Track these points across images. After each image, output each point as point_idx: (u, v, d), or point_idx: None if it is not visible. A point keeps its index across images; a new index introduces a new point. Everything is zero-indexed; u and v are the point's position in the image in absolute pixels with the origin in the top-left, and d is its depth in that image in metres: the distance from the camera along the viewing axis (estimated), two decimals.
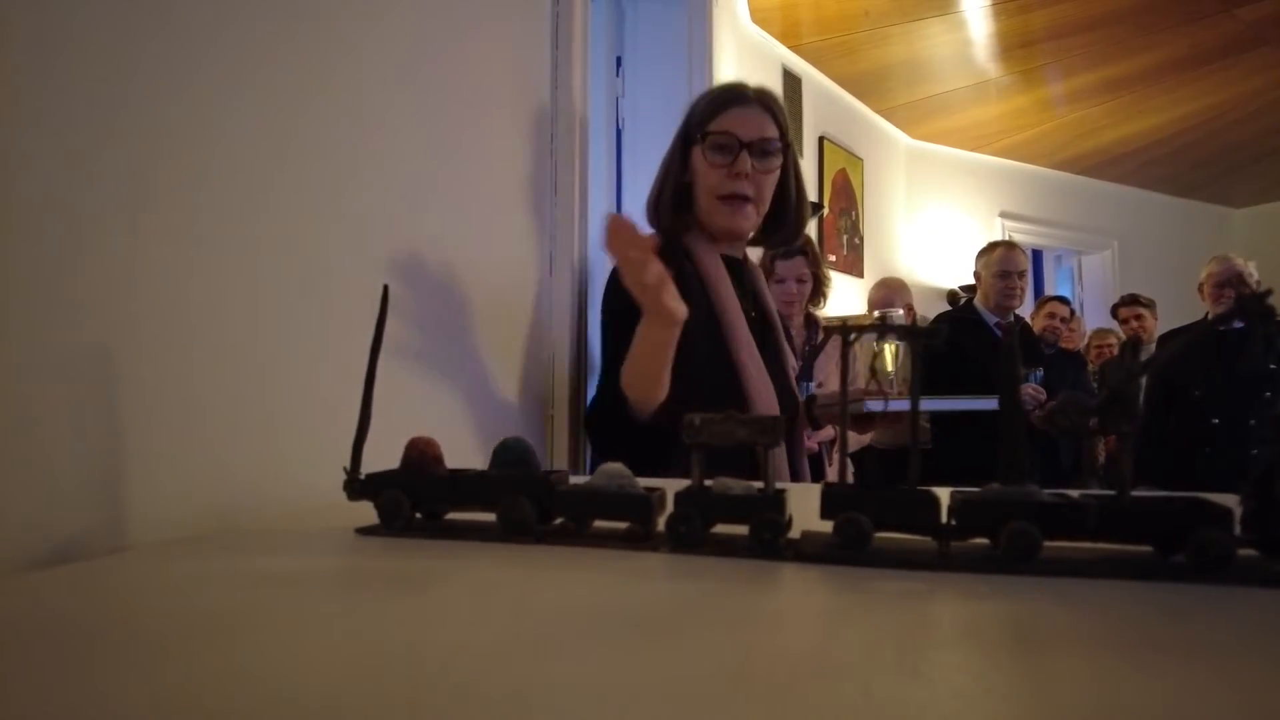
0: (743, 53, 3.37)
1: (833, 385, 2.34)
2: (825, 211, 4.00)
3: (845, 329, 0.41)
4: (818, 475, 2.14)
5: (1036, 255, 6.32)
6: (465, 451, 0.93)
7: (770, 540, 0.40)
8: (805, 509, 0.44)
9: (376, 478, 0.47)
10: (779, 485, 0.43)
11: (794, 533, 0.43)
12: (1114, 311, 3.75)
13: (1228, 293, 2.71)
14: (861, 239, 4.31)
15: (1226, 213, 6.11)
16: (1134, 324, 3.54)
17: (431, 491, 0.46)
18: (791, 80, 3.79)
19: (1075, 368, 3.19)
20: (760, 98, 1.11)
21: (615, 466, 0.44)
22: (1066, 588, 0.36)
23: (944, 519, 0.40)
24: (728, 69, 2.67)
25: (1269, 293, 0.37)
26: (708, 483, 0.43)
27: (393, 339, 0.79)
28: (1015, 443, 0.40)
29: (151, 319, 0.51)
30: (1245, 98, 4.28)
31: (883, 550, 0.40)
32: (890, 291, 3.12)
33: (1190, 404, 2.70)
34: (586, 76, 1.22)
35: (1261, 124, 4.59)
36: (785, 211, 1.16)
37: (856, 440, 2.18)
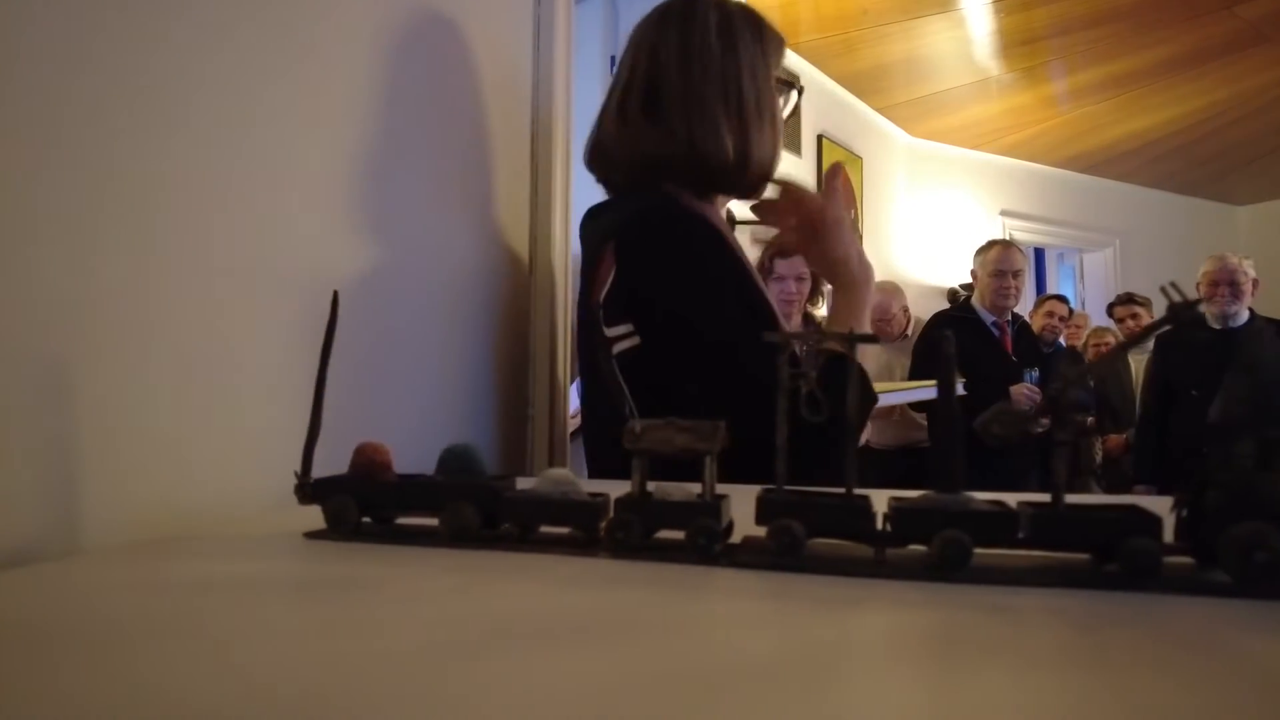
0: None
1: None
2: None
3: (785, 337, 0.41)
4: None
5: (1039, 253, 6.31)
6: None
7: (705, 546, 0.40)
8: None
9: (325, 482, 0.47)
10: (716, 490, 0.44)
11: (739, 537, 0.44)
12: (1110, 310, 3.75)
13: (1221, 291, 2.71)
14: (860, 237, 4.31)
15: (1229, 210, 6.09)
16: (1130, 323, 3.53)
17: (378, 497, 0.47)
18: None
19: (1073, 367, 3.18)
20: None
21: (560, 472, 0.45)
22: (996, 596, 0.36)
23: (880, 526, 0.40)
24: None
25: (1200, 300, 0.37)
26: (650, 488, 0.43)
27: (365, 342, 0.80)
28: (952, 450, 0.40)
29: (102, 324, 0.51)
30: (1247, 95, 4.27)
31: (818, 556, 0.40)
32: (886, 295, 3.13)
33: (1188, 404, 2.70)
34: (570, 75, 1.22)
35: (1264, 121, 4.58)
36: None
37: None
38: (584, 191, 1.11)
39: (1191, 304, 0.38)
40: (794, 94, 1.00)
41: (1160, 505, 0.39)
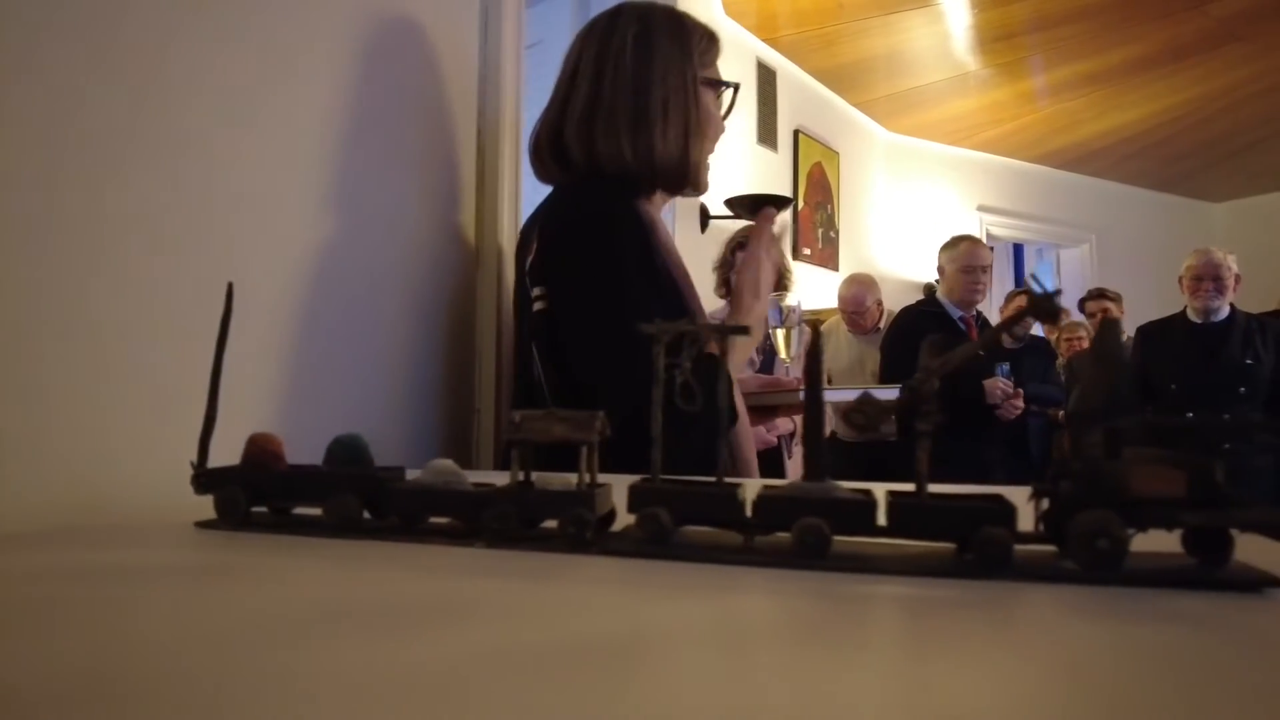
0: None
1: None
2: (802, 205, 4.00)
3: (659, 329, 0.41)
4: (777, 469, 2.15)
5: (1018, 249, 6.34)
6: (393, 448, 0.93)
7: (576, 534, 0.41)
8: None
9: (216, 473, 0.47)
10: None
11: (622, 525, 0.44)
12: (1081, 305, 3.78)
13: (1205, 285, 2.72)
14: (837, 232, 4.32)
15: (1206, 207, 6.14)
16: (1100, 317, 3.56)
17: (267, 487, 0.47)
18: (766, 73, 3.79)
19: (1044, 361, 3.20)
20: None
21: (444, 463, 0.45)
22: (852, 584, 0.36)
23: (747, 513, 0.40)
24: None
25: (1058, 293, 0.38)
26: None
27: (312, 336, 0.80)
28: (816, 440, 0.40)
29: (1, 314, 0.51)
30: (1219, 93, 4.30)
31: (688, 544, 0.40)
32: (861, 288, 3.14)
33: (1167, 398, 2.72)
34: (520, 70, 1.22)
35: (1237, 118, 4.62)
36: None
37: None
38: (533, 188, 1.12)
39: (1050, 296, 0.38)
40: (729, 91, 1.01)
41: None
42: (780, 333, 1.15)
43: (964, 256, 2.60)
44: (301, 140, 0.80)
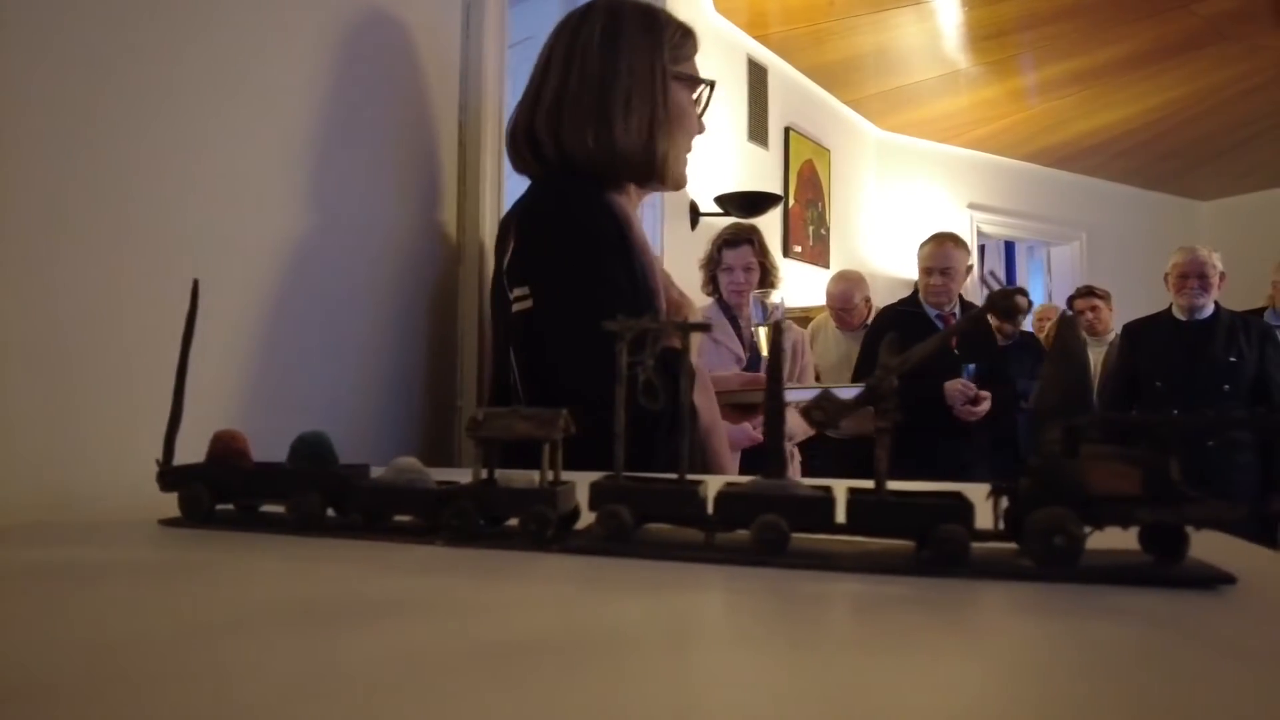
0: (706, 43, 3.36)
1: (807, 378, 2.35)
2: (793, 202, 4.01)
3: (621, 326, 0.41)
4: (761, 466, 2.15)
5: (1009, 246, 6.36)
6: (372, 445, 0.93)
7: (537, 532, 0.41)
8: None
9: (180, 470, 0.47)
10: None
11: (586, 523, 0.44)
12: (1069, 303, 3.79)
13: (1190, 283, 2.73)
14: (828, 230, 4.33)
15: (1194, 205, 6.17)
16: (1089, 315, 3.58)
17: (231, 484, 0.47)
18: (757, 70, 3.79)
19: (1032, 359, 3.21)
20: None
21: (408, 461, 0.45)
22: (809, 581, 0.36)
23: (709, 511, 0.40)
24: None
25: (1017, 290, 0.38)
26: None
27: (284, 335, 0.79)
28: (777, 437, 0.40)
29: None
30: (1206, 92, 4.32)
31: (649, 541, 0.40)
32: (849, 284, 3.14)
33: (1152, 395, 2.73)
34: (504, 67, 1.22)
35: (1224, 118, 4.64)
36: None
37: (804, 430, 2.20)
38: (516, 184, 1.11)
39: (1010, 293, 0.39)
40: (706, 88, 1.01)
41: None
42: (764, 330, 1.15)
43: (924, 258, 2.61)
44: (279, 135, 0.80)
